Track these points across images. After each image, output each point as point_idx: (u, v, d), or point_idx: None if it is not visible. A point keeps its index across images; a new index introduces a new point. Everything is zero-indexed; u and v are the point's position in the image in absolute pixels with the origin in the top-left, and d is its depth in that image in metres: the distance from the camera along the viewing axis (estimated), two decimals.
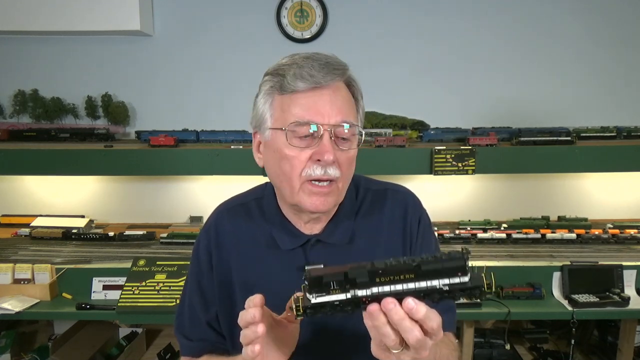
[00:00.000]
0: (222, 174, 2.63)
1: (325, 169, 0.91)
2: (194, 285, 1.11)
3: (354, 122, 0.94)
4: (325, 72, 0.90)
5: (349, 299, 0.68)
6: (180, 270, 2.22)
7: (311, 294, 0.69)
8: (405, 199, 1.10)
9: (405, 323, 0.66)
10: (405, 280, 0.67)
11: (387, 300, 0.66)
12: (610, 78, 2.91)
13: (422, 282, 0.67)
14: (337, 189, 0.95)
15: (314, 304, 0.69)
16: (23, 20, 2.74)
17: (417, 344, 0.67)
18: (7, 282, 2.21)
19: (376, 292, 0.67)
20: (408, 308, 0.66)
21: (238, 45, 2.94)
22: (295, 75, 0.90)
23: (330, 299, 0.68)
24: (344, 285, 0.68)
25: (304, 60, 0.92)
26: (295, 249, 1.03)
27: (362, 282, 0.67)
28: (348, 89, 0.98)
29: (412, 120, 2.78)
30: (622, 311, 2.14)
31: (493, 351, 2.52)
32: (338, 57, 0.96)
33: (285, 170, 0.94)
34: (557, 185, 2.95)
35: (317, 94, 0.91)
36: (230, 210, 1.12)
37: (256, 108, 0.99)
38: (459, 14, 2.90)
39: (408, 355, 0.71)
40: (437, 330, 0.69)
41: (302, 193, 0.94)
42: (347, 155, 0.95)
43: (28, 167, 2.61)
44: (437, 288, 0.67)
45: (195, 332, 1.10)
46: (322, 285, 0.68)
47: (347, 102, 0.95)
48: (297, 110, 0.91)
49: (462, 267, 0.66)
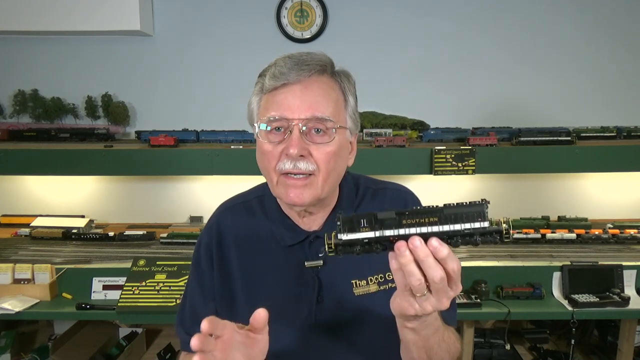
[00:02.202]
0: (222, 174, 2.63)
1: (295, 162, 0.94)
2: (195, 283, 1.13)
3: (326, 117, 0.94)
4: (296, 70, 0.94)
5: (377, 237, 0.73)
6: (180, 271, 2.22)
7: (343, 232, 0.73)
8: (404, 197, 1.12)
9: (429, 260, 0.70)
10: (429, 223, 0.71)
11: (414, 237, 0.70)
12: (610, 78, 2.91)
13: (445, 226, 0.71)
14: (315, 183, 0.96)
15: (345, 241, 0.73)
16: (23, 20, 2.74)
17: (440, 282, 0.70)
18: (7, 282, 2.21)
19: (403, 233, 0.72)
20: (433, 246, 0.69)
21: (238, 45, 2.94)
22: (271, 74, 0.95)
23: (360, 236, 0.73)
24: (373, 225, 0.72)
25: (282, 60, 0.97)
26: (295, 245, 1.05)
27: (390, 223, 0.72)
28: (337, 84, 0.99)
29: (412, 120, 2.77)
30: (622, 311, 2.14)
31: (493, 351, 2.52)
32: (325, 54, 0.99)
33: (264, 164, 0.99)
34: (557, 185, 2.95)
35: (288, 90, 0.95)
36: (232, 208, 1.14)
37: (249, 106, 1.03)
38: (459, 14, 2.90)
39: (431, 302, 0.74)
40: (458, 274, 0.72)
41: (280, 186, 0.98)
42: (324, 150, 0.95)
43: (28, 167, 2.60)
44: (459, 230, 0.71)
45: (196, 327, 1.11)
46: (353, 223, 0.73)
47: (325, 97, 0.96)
48: (271, 107, 0.96)
49: (481, 213, 0.71)
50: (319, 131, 0.95)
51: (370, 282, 1.04)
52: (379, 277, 1.04)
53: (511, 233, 0.73)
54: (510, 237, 0.73)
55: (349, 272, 1.04)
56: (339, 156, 0.99)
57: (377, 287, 1.04)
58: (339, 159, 0.99)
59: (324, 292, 1.03)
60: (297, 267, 1.04)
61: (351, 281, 1.04)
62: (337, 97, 0.98)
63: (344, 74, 1.01)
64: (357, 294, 1.04)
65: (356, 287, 1.04)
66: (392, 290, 0.82)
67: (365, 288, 1.04)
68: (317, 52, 0.99)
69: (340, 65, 1.03)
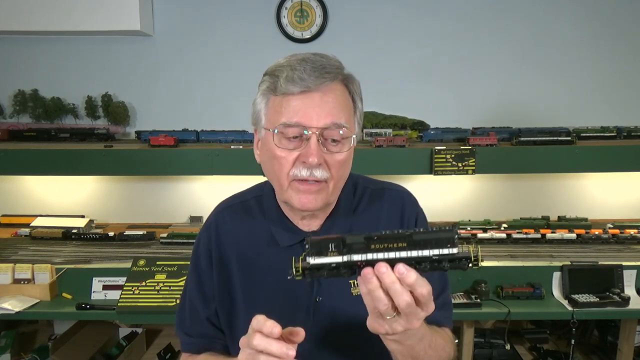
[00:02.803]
0: (222, 174, 2.63)
1: (311, 170, 0.93)
2: (194, 283, 1.12)
3: (344, 125, 0.94)
4: (316, 76, 0.92)
5: (345, 262, 0.73)
6: (180, 270, 2.22)
7: (310, 256, 0.73)
8: (402, 197, 1.12)
9: (396, 286, 0.70)
10: (398, 248, 0.71)
11: (380, 264, 0.70)
12: (610, 78, 2.91)
13: (413, 252, 0.71)
14: (326, 189, 0.96)
15: (312, 265, 0.73)
16: (23, 20, 2.73)
17: (407, 308, 0.71)
18: (7, 282, 2.21)
19: (370, 258, 0.72)
20: (399, 272, 0.70)
21: (238, 45, 2.94)
22: (287, 77, 0.92)
23: (327, 260, 0.73)
24: (341, 249, 0.72)
25: (299, 63, 0.93)
26: (294, 245, 1.05)
27: (358, 248, 0.72)
28: (347, 89, 0.98)
29: (412, 120, 2.77)
30: (622, 311, 2.14)
31: (493, 351, 2.52)
32: (336, 58, 0.97)
33: (275, 169, 0.97)
34: (557, 185, 2.95)
35: (307, 96, 0.92)
36: (230, 208, 1.14)
37: (254, 107, 1.01)
38: (459, 14, 2.90)
39: (400, 323, 0.74)
40: (428, 298, 0.72)
41: (290, 191, 0.97)
42: (337, 158, 0.95)
43: (28, 167, 2.60)
44: (428, 257, 0.71)
45: (196, 328, 1.12)
46: (321, 247, 0.73)
47: (340, 104, 0.95)
48: (286, 112, 0.93)
49: (451, 239, 0.71)
50: (334, 141, 0.95)
51: None
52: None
53: (480, 260, 0.73)
54: (479, 264, 0.72)
55: None
56: (349, 163, 1.00)
57: None
58: (347, 165, 1.00)
59: (322, 292, 1.03)
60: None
61: (349, 281, 1.04)
62: (349, 104, 0.98)
63: (351, 78, 1.00)
64: (355, 294, 1.03)
65: (354, 286, 1.04)
66: None
67: None
68: (330, 55, 0.97)
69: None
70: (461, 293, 2.22)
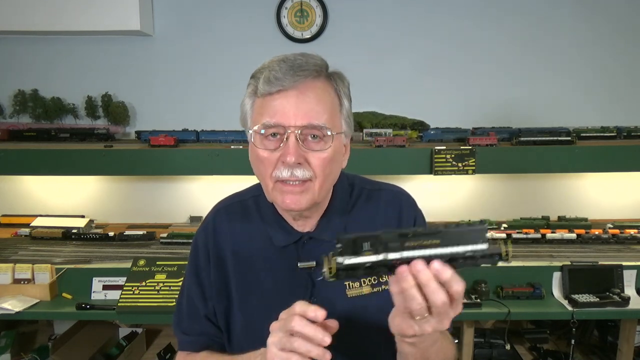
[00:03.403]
0: (222, 174, 2.63)
1: (292, 170, 0.93)
2: (191, 281, 1.13)
3: (322, 125, 0.93)
4: (291, 74, 0.91)
5: (380, 260, 0.71)
6: (180, 270, 2.21)
7: (343, 255, 0.71)
8: (399, 198, 1.12)
9: (432, 284, 0.69)
10: (431, 245, 0.71)
11: (416, 261, 0.69)
12: (611, 78, 2.91)
13: (447, 249, 0.71)
14: (312, 189, 0.96)
15: (347, 265, 0.71)
16: (23, 20, 2.73)
17: (442, 307, 0.70)
18: (7, 282, 2.21)
19: (406, 256, 0.71)
20: (435, 269, 0.69)
21: (238, 45, 2.94)
22: (265, 78, 0.92)
23: (363, 260, 0.71)
24: (377, 248, 0.71)
25: (277, 63, 0.93)
26: (289, 245, 1.05)
27: (393, 246, 0.71)
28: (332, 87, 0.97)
29: (412, 120, 2.77)
30: (622, 311, 2.14)
31: (493, 351, 2.51)
32: (320, 57, 0.97)
33: (260, 170, 0.98)
34: (557, 185, 2.95)
35: (284, 96, 0.92)
36: (228, 207, 1.14)
37: (242, 109, 1.01)
38: (458, 14, 2.90)
39: (431, 324, 0.73)
40: (460, 296, 0.71)
41: (275, 192, 0.97)
42: (320, 157, 0.94)
43: (28, 167, 2.60)
44: (461, 253, 0.71)
45: (193, 326, 1.12)
46: (356, 246, 0.71)
47: (320, 102, 0.94)
48: (266, 112, 0.93)
49: (482, 236, 0.72)
50: (315, 137, 0.94)
51: (363, 284, 1.04)
52: (372, 279, 1.04)
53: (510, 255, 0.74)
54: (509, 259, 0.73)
55: None
56: (335, 161, 0.98)
57: (370, 289, 1.04)
58: (334, 164, 0.99)
59: (317, 293, 1.03)
60: (291, 268, 1.04)
61: (344, 282, 1.04)
62: (332, 102, 0.97)
63: (338, 76, 0.99)
64: (349, 296, 1.03)
65: (349, 288, 1.04)
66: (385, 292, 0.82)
67: (358, 290, 1.04)
68: (311, 54, 0.97)
69: (340, 65, 1.00)
70: None
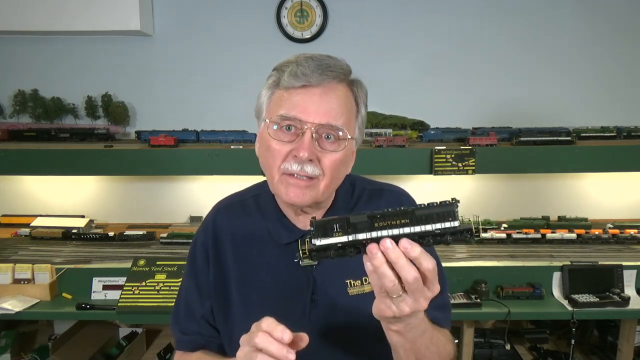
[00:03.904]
0: (222, 174, 2.63)
1: (302, 165, 0.94)
2: (190, 281, 1.13)
3: (339, 126, 0.95)
4: (319, 73, 0.93)
5: (350, 241, 0.74)
6: (180, 270, 2.21)
7: (316, 237, 0.74)
8: (400, 198, 1.13)
9: (401, 260, 0.71)
10: (401, 225, 0.73)
11: (384, 240, 0.71)
12: (611, 78, 2.91)
13: (416, 227, 0.73)
14: (317, 186, 0.96)
15: (318, 246, 0.74)
16: (23, 20, 2.73)
17: (414, 283, 0.71)
18: (7, 282, 2.21)
19: (375, 236, 0.73)
20: (403, 247, 0.71)
21: (238, 45, 2.94)
22: (291, 72, 0.94)
23: (333, 241, 0.74)
24: (346, 229, 0.74)
25: (305, 60, 0.95)
26: (291, 243, 1.05)
27: (362, 227, 0.73)
28: (351, 93, 0.99)
29: (412, 120, 2.77)
30: (622, 311, 2.14)
31: (493, 351, 2.52)
32: (346, 62, 0.98)
33: (268, 160, 0.98)
34: (557, 185, 2.95)
35: (307, 92, 0.94)
36: (228, 206, 1.14)
37: (258, 99, 1.02)
38: (458, 14, 2.90)
39: (407, 303, 0.74)
40: (433, 274, 0.73)
41: (279, 184, 0.97)
42: (331, 157, 0.95)
43: (28, 167, 2.60)
44: (430, 231, 0.73)
45: (191, 326, 1.12)
46: (326, 228, 0.74)
47: (341, 105, 0.96)
48: (286, 105, 0.95)
49: (452, 212, 0.73)
50: (329, 137, 0.95)
51: (364, 282, 1.04)
52: None
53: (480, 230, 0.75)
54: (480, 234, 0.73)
55: (344, 272, 1.04)
56: (344, 164, 1.00)
57: (371, 287, 1.04)
58: (343, 167, 1.00)
59: (318, 291, 1.03)
60: (292, 266, 1.04)
61: (346, 281, 1.04)
62: (351, 107, 0.99)
63: (359, 84, 1.01)
64: (351, 294, 1.04)
65: (350, 286, 1.04)
66: None
67: (360, 288, 1.04)
68: (338, 57, 0.98)
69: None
70: (461, 293, 2.22)
